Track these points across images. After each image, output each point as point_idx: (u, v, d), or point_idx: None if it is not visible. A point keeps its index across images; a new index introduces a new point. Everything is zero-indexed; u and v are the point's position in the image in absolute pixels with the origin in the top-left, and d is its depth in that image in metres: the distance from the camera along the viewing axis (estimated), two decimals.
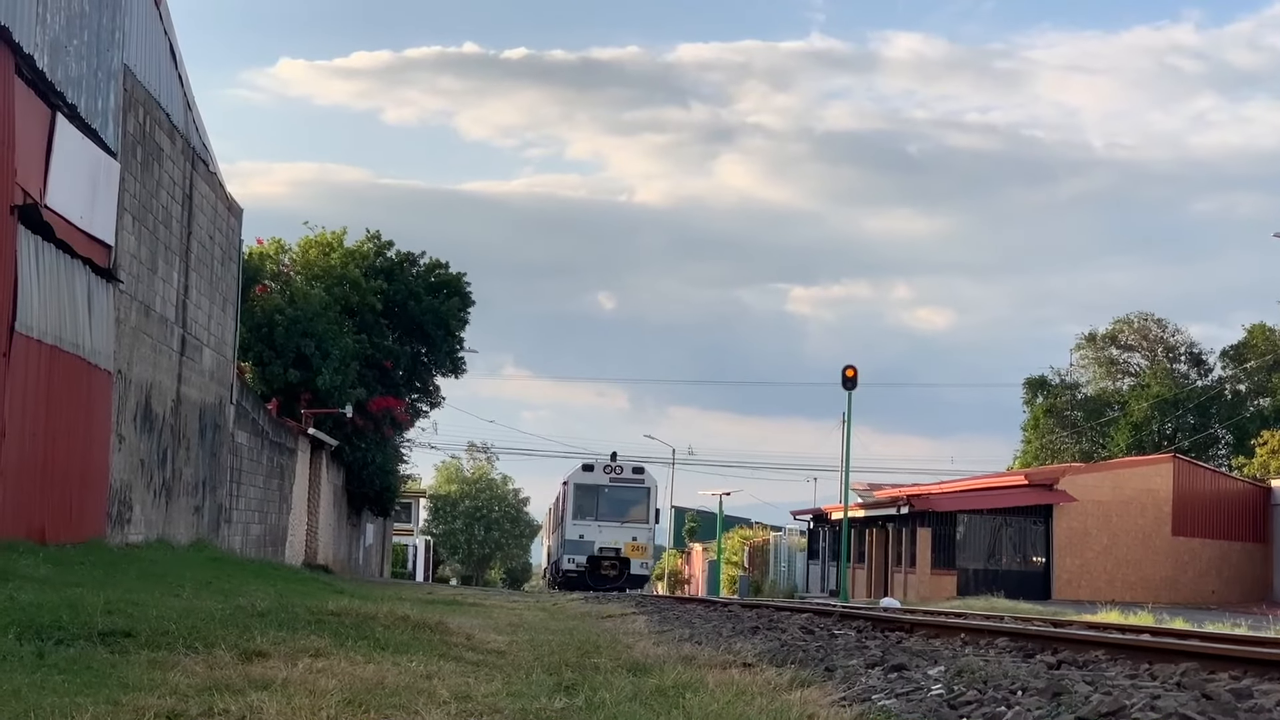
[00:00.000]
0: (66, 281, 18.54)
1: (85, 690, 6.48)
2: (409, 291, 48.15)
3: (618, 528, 58.37)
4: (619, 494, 59.30)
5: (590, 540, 58.33)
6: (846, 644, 12.54)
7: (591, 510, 59.23)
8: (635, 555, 58.37)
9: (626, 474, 60.02)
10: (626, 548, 58.21)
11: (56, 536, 17.90)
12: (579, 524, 58.98)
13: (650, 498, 60.39)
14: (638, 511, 59.42)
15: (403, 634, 11.35)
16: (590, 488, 59.56)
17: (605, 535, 58.29)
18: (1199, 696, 6.89)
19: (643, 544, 58.87)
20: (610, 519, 58.72)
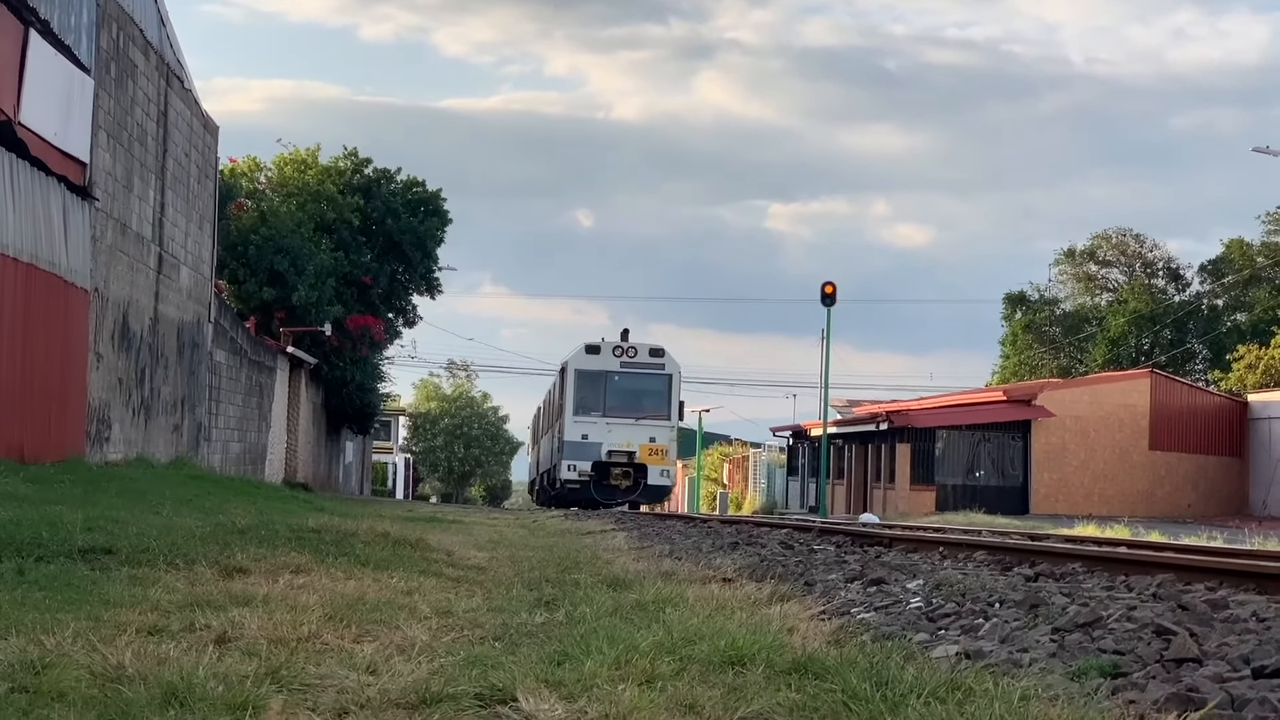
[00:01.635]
0: (41, 199, 18.42)
1: (66, 606, 6.48)
2: (387, 209, 47.93)
3: (631, 426, 46.69)
4: (633, 382, 47.56)
5: (596, 442, 46.54)
6: (826, 559, 12.60)
7: (598, 403, 47.27)
8: (654, 460, 46.55)
9: (642, 357, 47.74)
10: (643, 451, 46.57)
11: (35, 455, 17.87)
12: (582, 421, 47.01)
13: (672, 387, 47.71)
14: (656, 405, 47.47)
15: (383, 551, 11.37)
16: (596, 375, 47.44)
17: (616, 436, 46.53)
18: (1175, 607, 6.94)
19: (663, 446, 47.15)
20: (622, 414, 46.91)
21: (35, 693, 4.39)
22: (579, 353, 48.21)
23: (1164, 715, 4.11)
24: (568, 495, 47.41)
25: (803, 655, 5.61)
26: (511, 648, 6.02)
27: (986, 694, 4.61)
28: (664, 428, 47.21)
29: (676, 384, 47.71)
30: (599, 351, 47.69)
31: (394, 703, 4.57)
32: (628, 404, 47.04)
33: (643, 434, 46.68)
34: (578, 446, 46.66)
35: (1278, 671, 5.01)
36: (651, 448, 46.56)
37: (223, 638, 5.81)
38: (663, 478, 47.14)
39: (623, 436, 46.34)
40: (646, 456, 46.41)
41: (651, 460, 46.39)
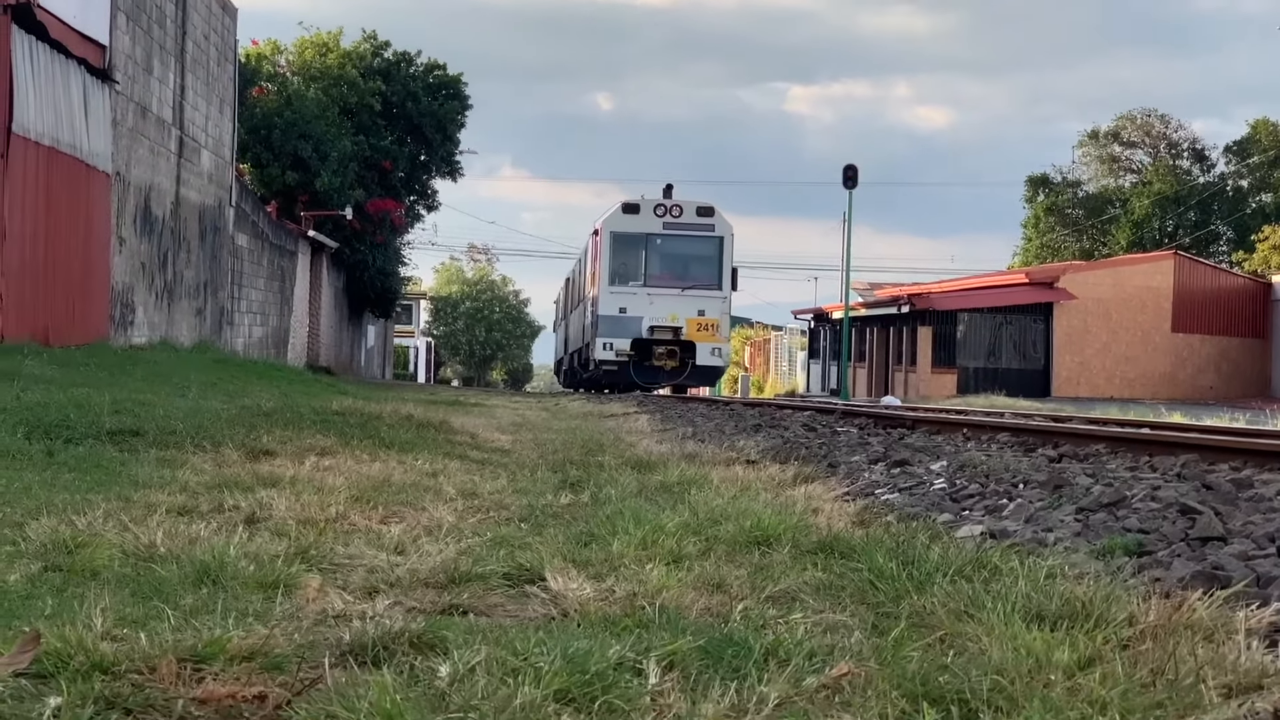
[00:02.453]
0: (62, 82, 18.34)
1: (96, 487, 6.53)
2: (407, 92, 47.69)
3: (677, 297, 40.57)
4: (679, 246, 41.44)
5: (636, 317, 40.41)
6: (849, 441, 12.63)
7: (637, 271, 41.16)
8: (703, 337, 40.49)
9: (688, 216, 41.22)
10: (690, 326, 40.47)
11: (60, 339, 17.94)
12: (619, 293, 40.77)
13: (723, 252, 41.33)
14: (705, 272, 41.20)
15: (407, 433, 11.42)
16: (635, 238, 41.08)
17: (659, 309, 40.38)
18: (1199, 487, 6.95)
19: (713, 320, 40.75)
20: (666, 284, 40.78)
21: (69, 571, 4.43)
22: (614, 213, 41.65)
23: (1190, 593, 4.13)
24: (603, 378, 42.38)
25: (828, 536, 5.63)
26: (538, 529, 6.05)
27: (1012, 572, 4.62)
28: (714, 299, 40.71)
29: (728, 248, 41.11)
30: (638, 211, 41.22)
31: (423, 582, 4.61)
32: (672, 271, 41.01)
33: (690, 306, 40.47)
34: (614, 322, 40.50)
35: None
36: (700, 322, 40.37)
37: (251, 518, 5.85)
38: (714, 357, 40.80)
39: (667, 309, 40.25)
40: (694, 332, 40.33)
41: (700, 337, 40.32)
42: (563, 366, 63.02)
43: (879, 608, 4.32)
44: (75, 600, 3.91)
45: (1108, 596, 4.12)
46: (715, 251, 41.02)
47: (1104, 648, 3.62)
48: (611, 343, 40.24)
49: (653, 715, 3.01)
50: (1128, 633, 3.80)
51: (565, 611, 4.22)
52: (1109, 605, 4.03)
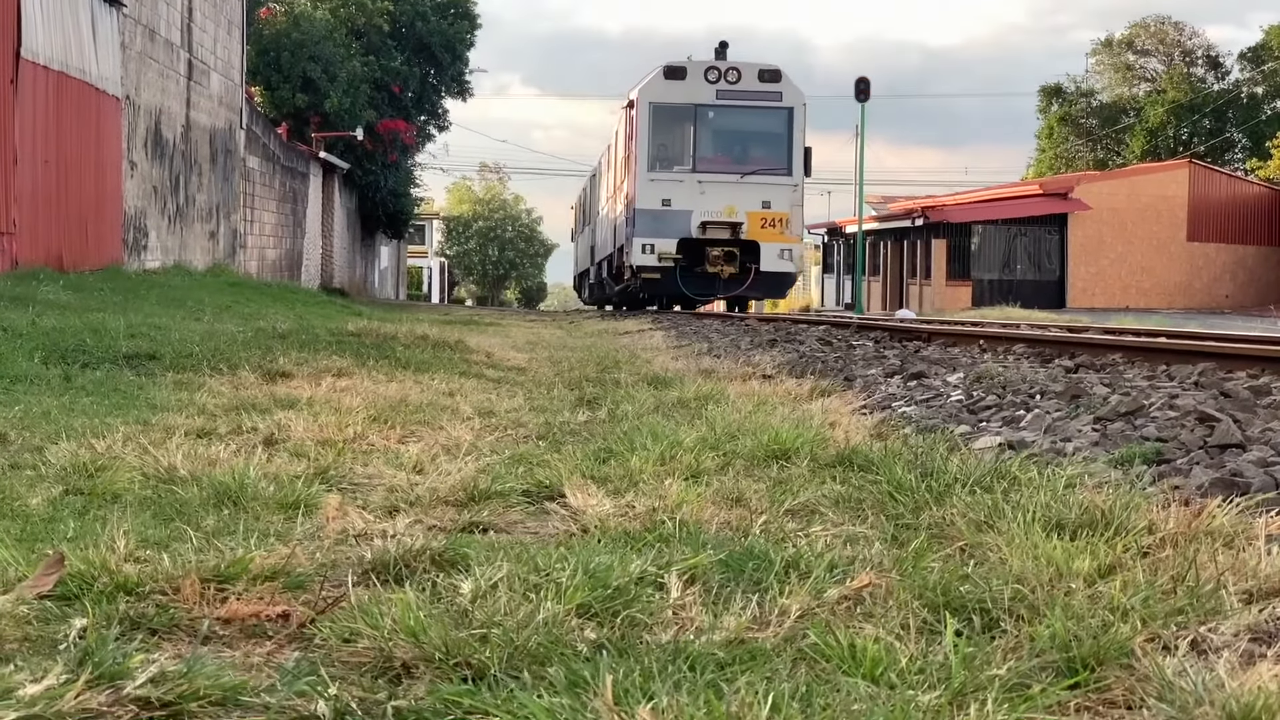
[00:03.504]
0: (70, 6, 18.24)
1: (114, 411, 6.55)
2: (415, 12, 47.44)
3: (735, 185, 32.32)
4: (737, 120, 33.21)
5: (683, 210, 32.36)
6: (865, 354, 12.62)
7: (684, 153, 33.08)
8: (769, 236, 32.35)
9: (748, 82, 32.79)
10: (752, 222, 32.29)
11: (74, 263, 17.95)
12: (662, 180, 32.61)
13: (794, 127, 32.79)
14: (771, 153, 32.96)
15: (423, 353, 11.43)
16: (681, 111, 32.89)
17: (712, 200, 32.24)
18: (1217, 395, 6.94)
19: (781, 214, 32.52)
20: (721, 168, 32.56)
21: (90, 494, 4.45)
22: (654, 78, 33.29)
23: (1209, 500, 4.13)
24: (641, 290, 34.65)
25: (846, 449, 5.63)
26: (555, 446, 6.06)
27: (1031, 482, 4.62)
28: (783, 186, 32.44)
29: (800, 121, 32.68)
30: (684, 76, 33.02)
31: (443, 500, 4.62)
32: (729, 153, 32.98)
33: (751, 197, 32.25)
34: (655, 218, 32.32)
35: None
36: (765, 216, 32.21)
37: (270, 440, 5.87)
38: (783, 260, 32.38)
39: (722, 200, 32.12)
40: (758, 229, 32.15)
41: (765, 235, 32.16)
42: (587, 280, 53.44)
43: (898, 519, 4.33)
44: (97, 523, 3.92)
45: (1127, 505, 4.12)
46: (783, 126, 32.69)
47: (1124, 556, 3.63)
48: (652, 244, 32.15)
49: (675, 628, 3.02)
50: (1147, 541, 3.80)
51: (585, 527, 4.23)
52: (1128, 514, 4.03)
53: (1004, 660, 2.76)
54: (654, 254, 32.34)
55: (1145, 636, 2.91)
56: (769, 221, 32.39)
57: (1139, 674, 2.73)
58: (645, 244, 32.39)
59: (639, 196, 32.71)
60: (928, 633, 2.99)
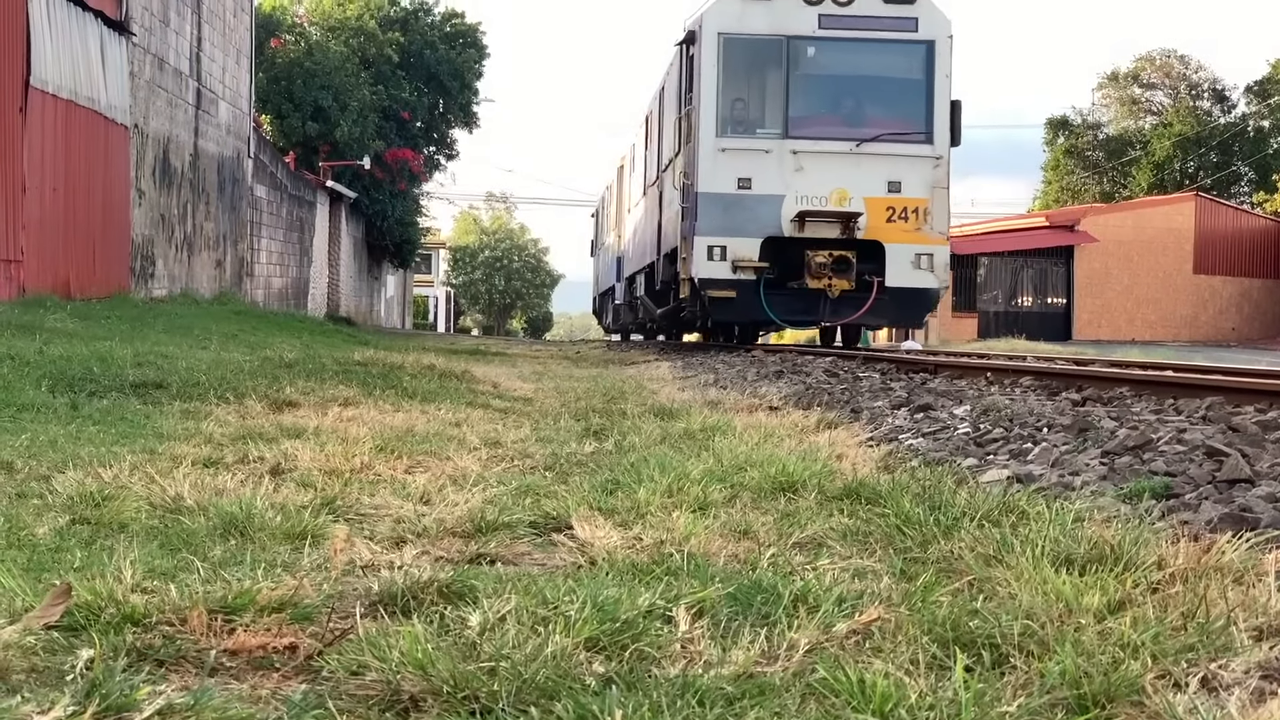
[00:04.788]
0: (79, 35, 18.31)
1: (121, 440, 6.54)
2: (424, 42, 47.61)
3: (849, 158, 22.55)
4: (850, 59, 23.26)
5: (770, 195, 22.46)
6: (871, 386, 12.61)
7: (771, 110, 23.18)
8: (901, 234, 22.56)
9: (866, 3, 22.68)
10: (875, 211, 22.50)
11: (82, 291, 17.97)
12: (738, 150, 22.71)
13: (934, 68, 22.74)
14: (902, 108, 23.09)
15: (429, 383, 11.44)
16: (768, 46, 22.84)
17: (814, 179, 22.41)
18: (1225, 429, 6.92)
19: (918, 201, 22.59)
20: (827, 132, 22.83)
21: (97, 524, 4.44)
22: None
23: (1218, 535, 4.12)
24: (703, 314, 24.11)
25: (853, 481, 5.62)
26: (563, 477, 6.06)
27: (1039, 516, 4.61)
28: (920, 160, 22.42)
29: (944, 60, 22.47)
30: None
31: (450, 531, 4.61)
32: (839, 108, 23.18)
33: (874, 175, 22.32)
34: (729, 208, 22.25)
35: None
36: (894, 204, 22.28)
37: (277, 469, 5.86)
38: (920, 270, 22.35)
39: (830, 180, 22.18)
40: (883, 224, 22.25)
41: (895, 233, 22.28)
42: (611, 302, 43.54)
43: (906, 553, 4.32)
44: (104, 553, 3.92)
45: (1136, 540, 4.11)
46: (919, 67, 22.61)
47: (1133, 591, 3.62)
48: (723, 246, 22.13)
49: (683, 662, 3.01)
50: (1157, 576, 3.79)
51: (593, 560, 4.22)
52: (1137, 548, 4.02)
53: (1014, 697, 2.75)
54: (725, 261, 21.99)
55: (1156, 673, 2.90)
56: (899, 212, 22.18)
57: (1150, 711, 2.72)
58: (713, 246, 22.02)
59: (703, 175, 22.22)
60: (937, 668, 2.98)
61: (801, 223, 22.10)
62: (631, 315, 37.43)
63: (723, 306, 22.50)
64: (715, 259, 22.14)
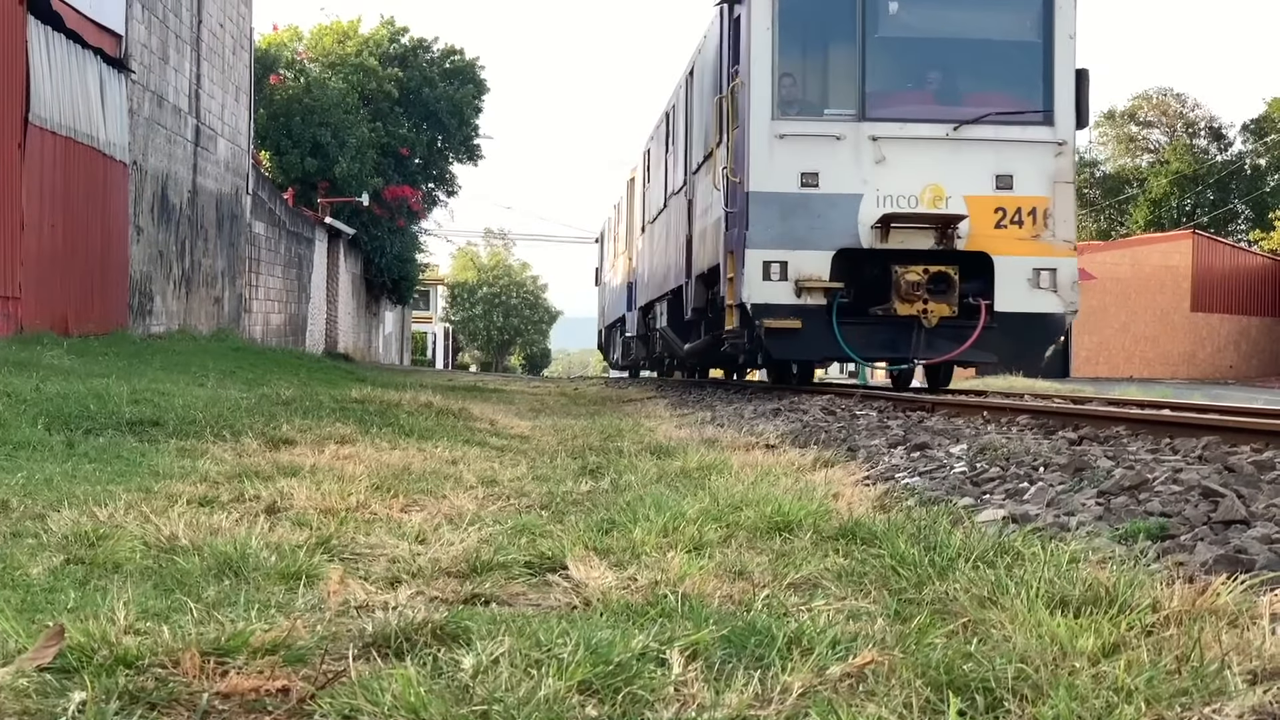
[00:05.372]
0: (78, 72, 18.36)
1: (117, 479, 6.53)
2: (424, 78, 47.79)
3: (945, 145, 17.67)
4: (944, 18, 18.19)
5: (843, 195, 17.57)
6: (869, 424, 12.62)
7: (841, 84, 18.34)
8: (1014, 244, 17.64)
9: None
10: (980, 215, 17.56)
11: (79, 328, 17.98)
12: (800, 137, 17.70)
13: (1054, 30, 17.76)
14: (1012, 80, 18.24)
15: (427, 421, 11.43)
16: (835, 7, 18.02)
17: (901, 174, 17.57)
18: (1221, 469, 6.92)
19: (1037, 201, 17.69)
20: (916, 112, 18.01)
21: (91, 564, 4.43)
22: None
23: (1214, 577, 4.12)
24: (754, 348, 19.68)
25: (849, 521, 5.62)
26: (559, 516, 6.05)
27: (1035, 557, 4.61)
28: (1037, 146, 18.00)
29: (1066, 20, 18.04)
30: None
31: (445, 571, 4.60)
32: (930, 82, 18.63)
33: (977, 167, 17.87)
34: (789, 211, 17.78)
35: None
36: (1006, 204, 17.81)
37: (272, 508, 5.86)
38: (1039, 289, 17.82)
39: (920, 174, 17.81)
40: (989, 231, 17.81)
41: (1007, 242, 17.80)
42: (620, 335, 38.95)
43: (901, 594, 4.32)
44: (98, 593, 3.91)
45: (1131, 582, 4.10)
46: (1035, 25, 18.16)
47: (1128, 634, 3.61)
48: (782, 262, 17.60)
49: (676, 706, 3.00)
50: (1152, 619, 3.78)
51: (587, 600, 4.22)
52: (1133, 591, 4.02)
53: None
54: (786, 281, 17.47)
55: (1150, 718, 2.90)
56: (1012, 214, 17.59)
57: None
58: (770, 262, 17.46)
59: (755, 170, 17.65)
60: (931, 712, 2.98)
61: (885, 230, 17.44)
62: (645, 350, 33.38)
63: (784, 340, 17.61)
64: (773, 278, 17.41)
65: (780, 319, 17.47)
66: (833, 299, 17.48)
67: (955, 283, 17.41)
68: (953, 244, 17.60)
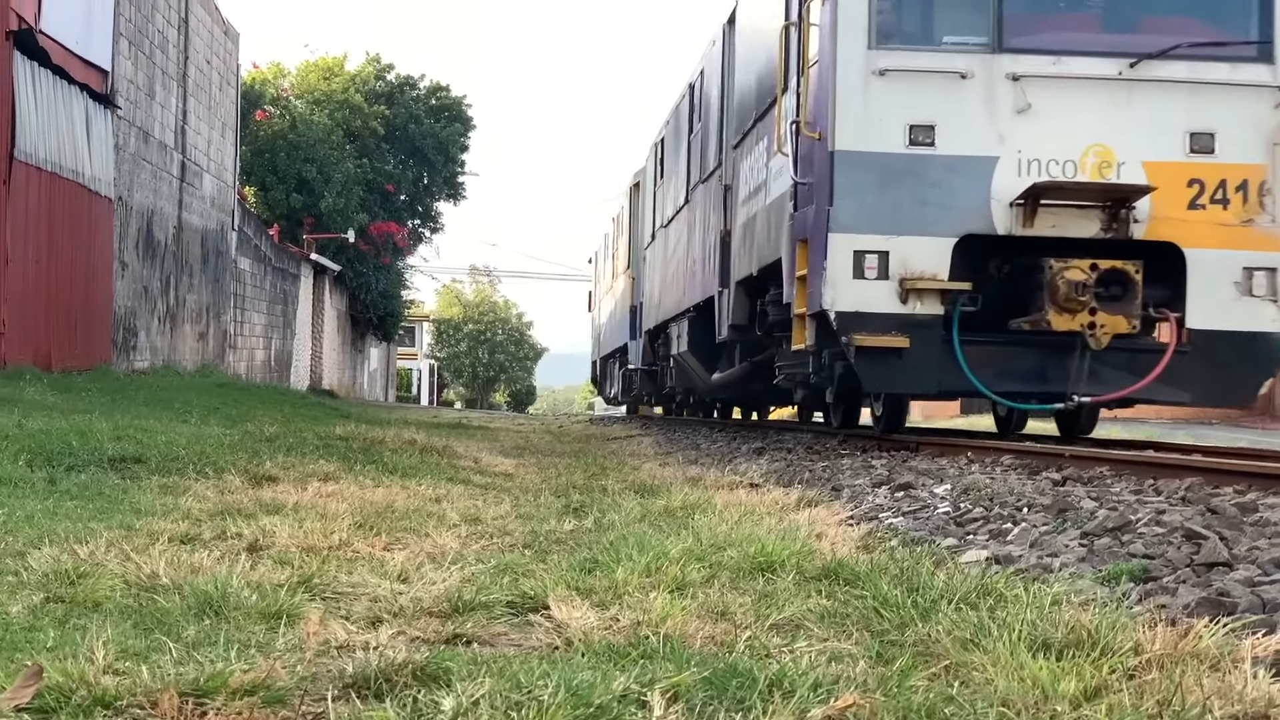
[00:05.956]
0: (64, 107, 18.37)
1: (98, 516, 6.51)
2: (409, 115, 47.90)
3: (1113, 89, 12.46)
4: None
5: (972, 157, 12.41)
6: (853, 463, 12.61)
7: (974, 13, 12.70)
8: (1213, 231, 12.36)
9: None
10: (1170, 188, 12.33)
11: (63, 364, 17.94)
12: (906, 66, 12.54)
13: None
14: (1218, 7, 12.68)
15: (410, 458, 11.41)
16: None
17: (1051, 130, 12.39)
18: (1204, 511, 6.93)
19: (1248, 170, 12.33)
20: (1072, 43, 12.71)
21: (71, 603, 4.41)
22: None
23: (1196, 620, 4.12)
24: (825, 379, 14.41)
25: (832, 561, 5.61)
26: (541, 555, 6.04)
27: (1018, 599, 4.61)
28: (1249, 93, 12.54)
29: None
30: None
31: (426, 611, 4.59)
32: (1093, 2, 13.44)
33: (1161, 119, 12.53)
34: (890, 179, 12.50)
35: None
36: (1202, 173, 12.47)
37: (254, 546, 5.84)
38: (1251, 297, 12.47)
39: (1080, 130, 12.50)
40: (1177, 210, 12.48)
41: (1203, 229, 12.48)
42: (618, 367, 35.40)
43: (884, 636, 4.31)
44: (77, 632, 3.89)
45: (1113, 624, 4.10)
46: None
47: (1110, 677, 3.61)
48: (882, 252, 12.54)
49: None
50: (1133, 662, 3.78)
51: (569, 641, 4.21)
52: (1115, 633, 4.02)
53: None
54: (887, 279, 12.61)
55: None
56: (1214, 190, 12.74)
57: None
58: (863, 252, 12.63)
59: (845, 118, 12.79)
60: None
61: (1031, 208, 12.39)
62: (651, 385, 28.89)
63: (882, 365, 12.56)
64: (868, 275, 12.42)
65: (878, 334, 12.38)
66: (955, 305, 12.50)
67: (1137, 285, 12.40)
68: (1127, 230, 12.53)
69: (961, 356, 12.55)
